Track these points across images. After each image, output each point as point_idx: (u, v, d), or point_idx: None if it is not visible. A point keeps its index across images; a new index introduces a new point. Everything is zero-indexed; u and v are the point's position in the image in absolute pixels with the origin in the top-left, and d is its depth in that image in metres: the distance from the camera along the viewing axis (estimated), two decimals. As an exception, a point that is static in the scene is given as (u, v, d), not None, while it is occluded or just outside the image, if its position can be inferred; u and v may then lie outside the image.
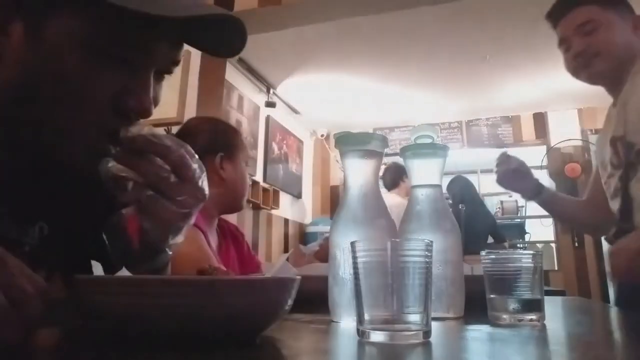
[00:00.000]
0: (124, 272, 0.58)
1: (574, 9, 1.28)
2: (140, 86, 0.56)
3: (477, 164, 5.47)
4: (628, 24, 1.25)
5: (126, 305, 0.38)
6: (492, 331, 0.56)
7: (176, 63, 0.63)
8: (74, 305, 0.42)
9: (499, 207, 5.62)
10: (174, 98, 2.70)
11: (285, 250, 4.67)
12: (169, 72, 0.63)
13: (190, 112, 2.65)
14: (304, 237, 4.96)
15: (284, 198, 4.83)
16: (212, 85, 2.82)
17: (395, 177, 3.71)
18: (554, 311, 0.83)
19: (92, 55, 0.53)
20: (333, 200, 5.57)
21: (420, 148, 0.74)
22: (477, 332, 0.57)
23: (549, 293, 0.92)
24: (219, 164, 1.38)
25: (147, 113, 0.57)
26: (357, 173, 0.68)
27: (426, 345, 0.44)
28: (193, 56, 2.72)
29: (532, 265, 0.61)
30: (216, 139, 1.43)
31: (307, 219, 5.31)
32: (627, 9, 1.28)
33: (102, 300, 0.40)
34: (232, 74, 3.88)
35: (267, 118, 4.62)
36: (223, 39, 0.62)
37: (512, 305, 0.60)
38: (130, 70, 0.56)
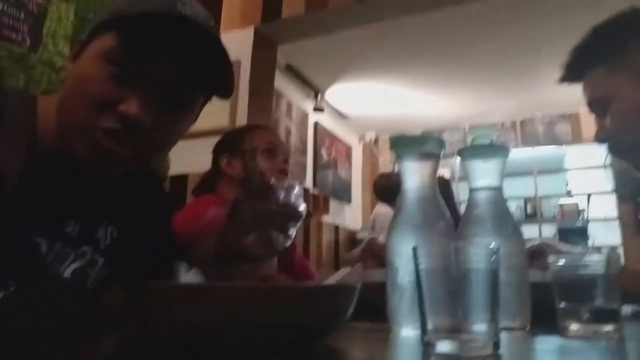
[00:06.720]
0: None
1: (583, 78, 1.05)
2: (134, 97, 0.62)
3: (533, 165, 5.24)
4: None
5: (184, 312, 0.39)
6: (564, 343, 0.53)
7: (182, 98, 0.68)
8: (137, 311, 0.43)
9: (559, 211, 5.35)
10: (226, 107, 2.76)
11: (336, 258, 4.65)
12: (177, 108, 0.68)
13: (242, 121, 2.70)
14: (356, 244, 4.90)
15: (334, 204, 4.82)
16: (262, 93, 2.87)
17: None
18: (631, 323, 0.77)
19: (106, 64, 0.62)
20: (383, 206, 5.50)
21: (479, 149, 0.71)
22: (548, 345, 0.54)
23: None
24: (224, 165, 1.46)
25: (133, 120, 0.62)
26: (414, 176, 0.66)
27: (496, 357, 0.41)
28: (243, 64, 2.77)
29: (606, 270, 0.56)
30: (220, 144, 1.53)
31: (358, 225, 5.25)
32: None
33: (159, 307, 0.40)
34: (280, 81, 3.92)
35: (315, 124, 4.65)
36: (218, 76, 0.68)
37: (585, 315, 0.56)
38: (130, 83, 0.63)
